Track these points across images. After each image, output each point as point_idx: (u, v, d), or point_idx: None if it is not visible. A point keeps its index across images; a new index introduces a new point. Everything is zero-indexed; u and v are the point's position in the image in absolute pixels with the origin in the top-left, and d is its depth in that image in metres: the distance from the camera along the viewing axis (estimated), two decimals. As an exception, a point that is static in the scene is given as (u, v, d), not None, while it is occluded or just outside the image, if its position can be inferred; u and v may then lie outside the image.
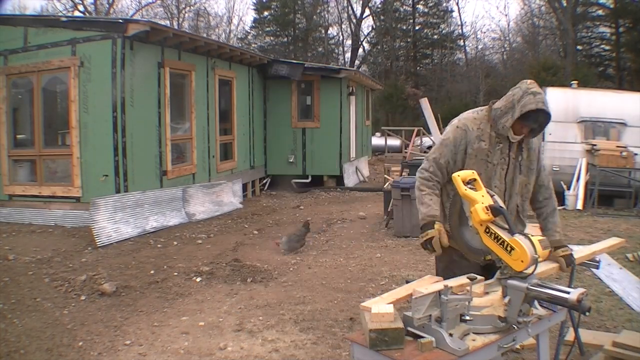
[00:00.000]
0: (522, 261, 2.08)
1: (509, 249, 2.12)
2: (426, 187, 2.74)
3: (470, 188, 2.29)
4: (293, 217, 9.47)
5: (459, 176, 2.31)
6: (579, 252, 3.04)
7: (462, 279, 2.37)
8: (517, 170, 2.73)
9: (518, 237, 2.11)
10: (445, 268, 2.78)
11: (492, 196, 2.28)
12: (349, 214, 9.53)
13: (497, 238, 2.16)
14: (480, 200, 2.23)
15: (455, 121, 2.80)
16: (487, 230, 2.19)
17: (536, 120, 2.60)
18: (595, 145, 10.13)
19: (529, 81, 2.63)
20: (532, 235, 2.14)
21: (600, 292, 5.15)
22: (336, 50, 40.40)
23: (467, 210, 2.28)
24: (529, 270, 2.11)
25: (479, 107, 2.87)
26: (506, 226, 2.17)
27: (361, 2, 38.08)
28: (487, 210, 2.20)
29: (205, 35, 32.11)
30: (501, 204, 2.29)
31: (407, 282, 2.56)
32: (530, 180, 2.79)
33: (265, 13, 38.56)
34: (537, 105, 2.52)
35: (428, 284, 2.28)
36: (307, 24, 37.69)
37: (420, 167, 2.83)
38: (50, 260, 6.25)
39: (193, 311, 4.75)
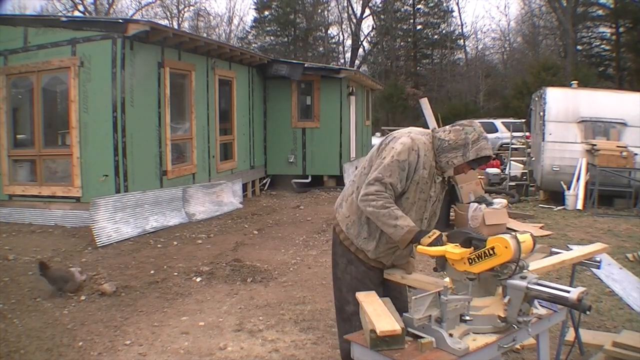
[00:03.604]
0: (506, 247, 2.14)
1: (492, 252, 2.17)
2: (392, 204, 2.53)
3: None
4: (293, 217, 9.47)
5: (422, 244, 2.41)
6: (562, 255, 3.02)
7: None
8: (439, 203, 2.75)
9: (490, 238, 2.20)
10: (354, 279, 2.77)
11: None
12: (349, 214, 9.52)
13: (479, 256, 2.22)
14: (444, 248, 2.31)
15: (407, 141, 2.57)
16: (471, 261, 2.24)
17: (480, 164, 2.62)
18: (595, 145, 10.13)
19: (477, 122, 2.63)
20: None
21: (600, 292, 5.15)
22: (336, 50, 40.43)
23: (451, 271, 2.35)
24: (517, 252, 2.15)
25: (421, 129, 2.73)
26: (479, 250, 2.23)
27: (361, 1, 38.10)
28: (457, 245, 2.29)
29: (205, 35, 32.13)
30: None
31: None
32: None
33: (266, 12, 38.58)
34: (490, 152, 2.54)
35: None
36: (307, 23, 37.69)
37: (374, 189, 2.52)
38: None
39: (193, 311, 4.75)
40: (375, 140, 21.05)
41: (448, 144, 2.54)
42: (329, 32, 39.21)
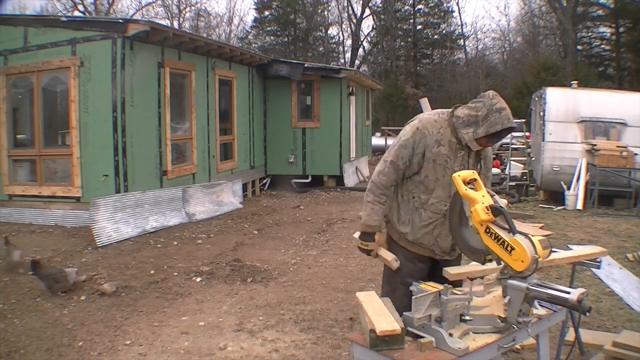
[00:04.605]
0: (522, 261, 2.07)
1: (509, 249, 2.10)
2: (372, 194, 2.76)
3: (470, 188, 2.28)
4: (293, 217, 9.47)
5: (459, 176, 2.30)
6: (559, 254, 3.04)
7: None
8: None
9: (518, 237, 2.09)
10: (394, 273, 2.75)
11: (492, 196, 2.28)
12: (348, 214, 9.54)
13: (497, 238, 2.15)
14: (480, 200, 2.22)
15: (415, 122, 2.73)
16: (488, 230, 2.18)
17: (501, 136, 2.59)
18: (595, 145, 10.13)
19: (491, 94, 2.58)
20: (532, 235, 2.13)
21: (600, 292, 5.15)
22: (336, 50, 40.42)
23: (467, 210, 2.28)
24: (530, 271, 2.10)
25: (440, 110, 2.79)
26: (506, 226, 2.16)
27: (361, 1, 38.09)
28: (488, 210, 2.19)
29: (205, 35, 32.12)
30: (501, 203, 2.28)
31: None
32: None
33: (266, 12, 38.58)
34: (504, 124, 2.50)
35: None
36: (307, 23, 37.69)
37: (377, 168, 2.79)
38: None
39: (193, 311, 4.75)
40: (375, 140, 21.11)
41: (462, 121, 2.60)
42: (329, 32, 39.23)
